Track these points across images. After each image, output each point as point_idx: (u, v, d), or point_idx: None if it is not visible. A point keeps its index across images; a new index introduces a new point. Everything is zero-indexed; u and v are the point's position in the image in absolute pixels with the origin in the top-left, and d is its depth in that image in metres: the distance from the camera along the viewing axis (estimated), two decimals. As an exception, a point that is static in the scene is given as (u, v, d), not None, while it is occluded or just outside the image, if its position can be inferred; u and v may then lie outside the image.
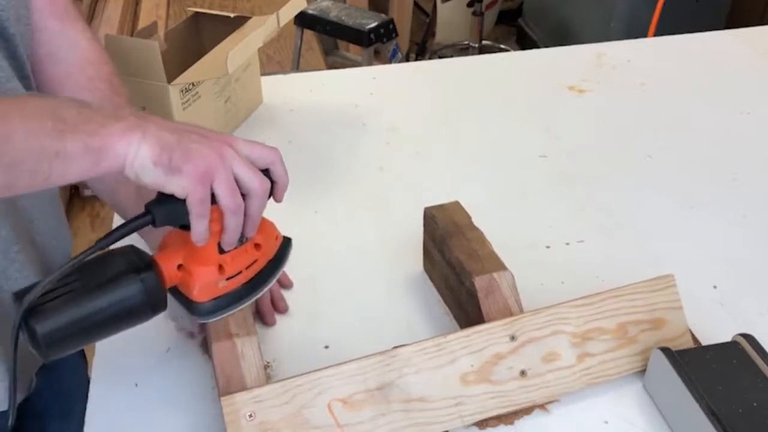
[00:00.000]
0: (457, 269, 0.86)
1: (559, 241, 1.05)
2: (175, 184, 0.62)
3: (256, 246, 0.73)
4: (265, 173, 0.68)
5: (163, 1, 3.49)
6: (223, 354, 0.76)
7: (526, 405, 0.79)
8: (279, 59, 3.19)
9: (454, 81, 1.50)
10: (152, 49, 1.11)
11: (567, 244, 1.04)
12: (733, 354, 0.78)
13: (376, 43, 2.52)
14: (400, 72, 1.63)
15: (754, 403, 0.73)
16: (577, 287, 0.88)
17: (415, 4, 3.73)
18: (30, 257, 0.83)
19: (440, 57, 3.35)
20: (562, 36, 3.21)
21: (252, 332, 0.78)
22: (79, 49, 0.87)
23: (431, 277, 0.98)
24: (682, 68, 1.53)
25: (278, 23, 1.25)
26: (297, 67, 2.76)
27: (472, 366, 0.78)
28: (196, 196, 0.63)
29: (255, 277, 0.73)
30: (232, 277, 0.71)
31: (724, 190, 1.16)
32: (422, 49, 3.57)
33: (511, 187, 1.17)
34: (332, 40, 3.18)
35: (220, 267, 0.70)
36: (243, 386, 0.74)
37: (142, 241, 0.86)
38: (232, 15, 1.31)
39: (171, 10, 3.48)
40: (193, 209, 0.63)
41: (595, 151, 1.26)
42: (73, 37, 0.87)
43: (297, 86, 1.48)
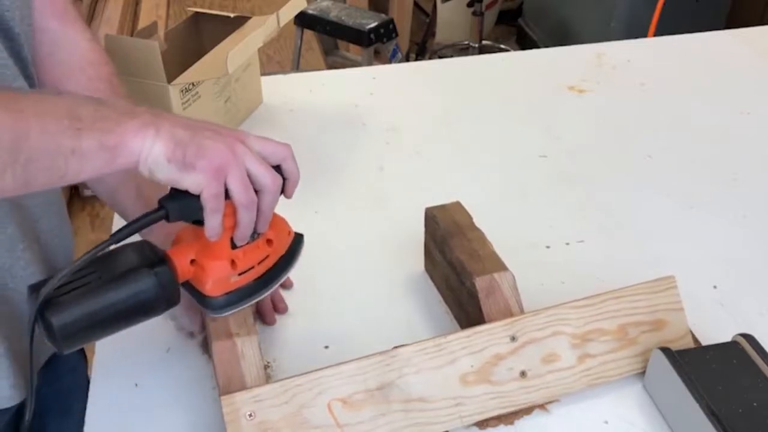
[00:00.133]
0: (458, 269, 0.86)
1: (559, 241, 1.05)
2: (189, 180, 0.63)
3: (269, 242, 0.74)
4: (277, 169, 0.68)
5: (163, 1, 3.49)
6: (224, 353, 0.76)
7: (526, 406, 0.79)
8: (279, 59, 3.19)
9: (454, 81, 1.50)
10: (152, 49, 1.11)
11: (567, 244, 1.04)
12: (733, 354, 0.78)
13: (376, 43, 2.52)
14: (400, 72, 1.63)
15: (754, 403, 0.73)
16: (577, 287, 0.88)
17: (415, 4, 3.73)
18: (35, 255, 0.83)
19: (440, 57, 3.35)
20: (562, 36, 3.21)
21: (252, 332, 0.78)
22: (79, 50, 0.86)
23: (432, 277, 0.98)
24: (682, 68, 1.53)
25: (278, 23, 1.25)
26: (297, 67, 2.76)
27: (472, 366, 0.78)
28: (210, 192, 0.63)
29: (267, 273, 0.74)
30: (245, 272, 0.72)
31: (724, 190, 1.16)
32: (422, 49, 3.57)
33: (511, 187, 1.17)
34: (332, 40, 3.18)
35: (233, 262, 0.71)
36: (243, 386, 0.74)
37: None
38: (232, 15, 1.31)
39: (171, 10, 3.48)
40: (207, 204, 0.64)
41: (595, 151, 1.26)
42: (73, 38, 0.86)
43: (297, 86, 1.47)
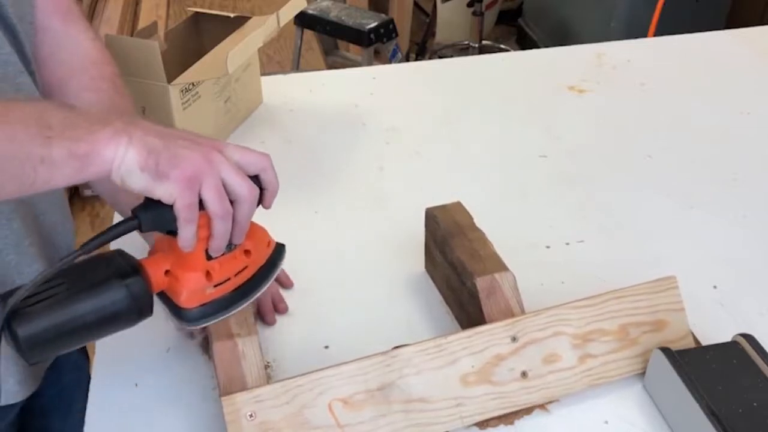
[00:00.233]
0: (459, 269, 0.86)
1: (559, 241, 1.05)
2: (162, 190, 0.61)
3: (246, 252, 0.71)
4: (255, 179, 0.66)
5: (163, 1, 3.48)
6: (224, 354, 0.76)
7: (527, 406, 0.79)
8: (279, 59, 3.19)
9: (454, 81, 1.50)
10: (152, 49, 1.11)
11: (567, 244, 1.04)
12: (733, 354, 0.78)
13: (376, 43, 2.52)
14: (400, 72, 1.63)
15: (754, 403, 0.73)
16: (577, 287, 0.88)
17: (415, 4, 3.72)
18: (40, 251, 0.83)
19: (440, 57, 3.35)
20: (562, 36, 3.21)
21: (253, 332, 0.78)
22: (81, 49, 0.86)
23: (433, 278, 0.98)
24: (682, 68, 1.53)
25: (278, 23, 1.25)
26: (297, 67, 2.76)
27: (473, 367, 0.78)
28: (184, 202, 0.62)
29: (245, 284, 0.72)
30: (221, 284, 0.69)
31: (724, 190, 1.16)
32: (422, 49, 3.57)
33: (511, 187, 1.17)
34: (332, 40, 3.18)
35: (208, 273, 0.68)
36: (244, 386, 0.74)
37: (142, 241, 0.86)
38: (232, 15, 1.31)
39: (171, 10, 3.48)
40: (181, 214, 0.62)
41: (595, 151, 1.26)
42: (76, 37, 0.86)
43: (297, 86, 1.48)
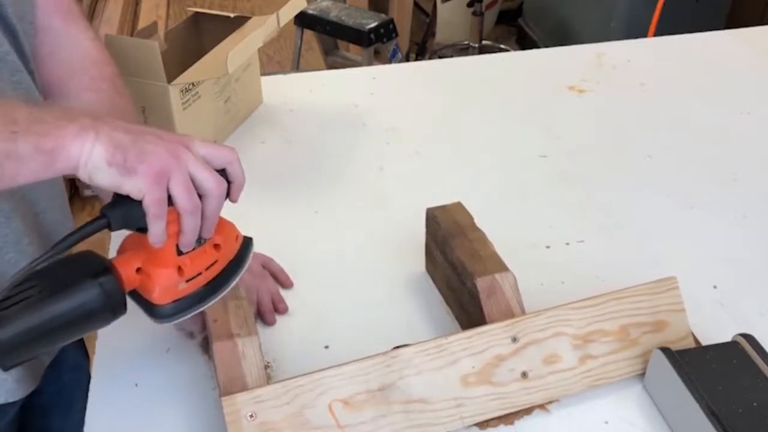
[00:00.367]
0: (459, 270, 0.86)
1: (559, 241, 1.05)
2: (130, 185, 0.61)
3: (216, 247, 0.71)
4: (222, 173, 0.67)
5: (163, 1, 3.48)
6: (224, 354, 0.76)
7: (527, 406, 0.79)
8: (279, 59, 3.18)
9: (454, 81, 1.50)
10: (152, 49, 1.11)
11: (567, 244, 1.04)
12: (733, 354, 0.78)
13: (376, 43, 2.52)
14: (400, 72, 1.63)
15: (754, 403, 0.73)
16: (577, 287, 0.88)
17: (415, 4, 3.72)
18: (39, 250, 0.83)
19: (440, 57, 3.35)
20: (562, 36, 3.21)
21: (253, 332, 0.78)
22: (82, 49, 0.86)
23: (433, 278, 0.98)
24: (682, 68, 1.53)
25: (278, 23, 1.25)
26: (297, 67, 2.76)
27: (473, 367, 0.78)
28: (152, 197, 0.62)
29: (216, 278, 0.72)
30: (192, 279, 0.70)
31: (724, 190, 1.16)
32: (422, 49, 3.57)
33: (511, 187, 1.17)
34: (332, 40, 3.18)
35: (180, 269, 0.69)
36: (244, 386, 0.74)
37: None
38: (232, 15, 1.31)
39: (171, 10, 3.47)
40: (150, 210, 0.62)
41: (595, 151, 1.26)
42: (76, 37, 0.86)
43: (297, 86, 1.47)
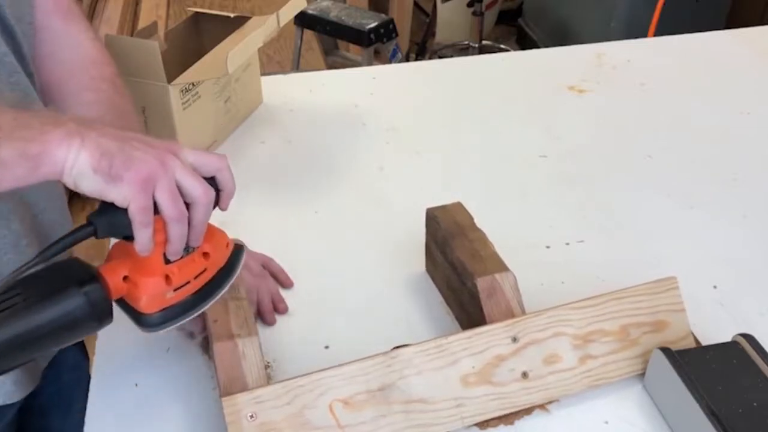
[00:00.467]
0: (459, 270, 0.86)
1: (559, 241, 1.05)
2: (115, 192, 0.61)
3: (205, 255, 0.70)
4: (212, 181, 0.66)
5: (163, 1, 3.48)
6: (225, 354, 0.76)
7: (527, 406, 0.79)
8: (279, 59, 3.18)
9: (454, 81, 1.50)
10: (152, 49, 1.11)
11: (567, 244, 1.04)
12: (733, 354, 0.78)
13: (376, 43, 2.52)
14: (400, 72, 1.63)
15: (754, 403, 0.73)
16: (577, 287, 0.88)
17: (415, 4, 3.72)
18: (38, 251, 0.83)
19: (440, 57, 3.35)
20: (562, 36, 3.21)
21: (253, 332, 0.78)
22: (82, 49, 0.86)
23: (433, 278, 0.98)
24: (682, 68, 1.53)
25: (278, 23, 1.24)
26: (297, 67, 2.76)
27: (474, 367, 0.78)
28: (138, 204, 0.61)
29: (205, 287, 0.72)
30: (180, 288, 0.69)
31: (724, 190, 1.16)
32: (422, 49, 3.57)
33: (511, 187, 1.17)
34: (332, 40, 3.18)
35: (167, 277, 0.68)
36: (244, 387, 0.74)
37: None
38: (232, 15, 1.31)
39: (171, 10, 3.47)
40: (135, 218, 0.61)
41: (595, 151, 1.26)
42: (76, 37, 0.86)
43: (297, 86, 1.47)
